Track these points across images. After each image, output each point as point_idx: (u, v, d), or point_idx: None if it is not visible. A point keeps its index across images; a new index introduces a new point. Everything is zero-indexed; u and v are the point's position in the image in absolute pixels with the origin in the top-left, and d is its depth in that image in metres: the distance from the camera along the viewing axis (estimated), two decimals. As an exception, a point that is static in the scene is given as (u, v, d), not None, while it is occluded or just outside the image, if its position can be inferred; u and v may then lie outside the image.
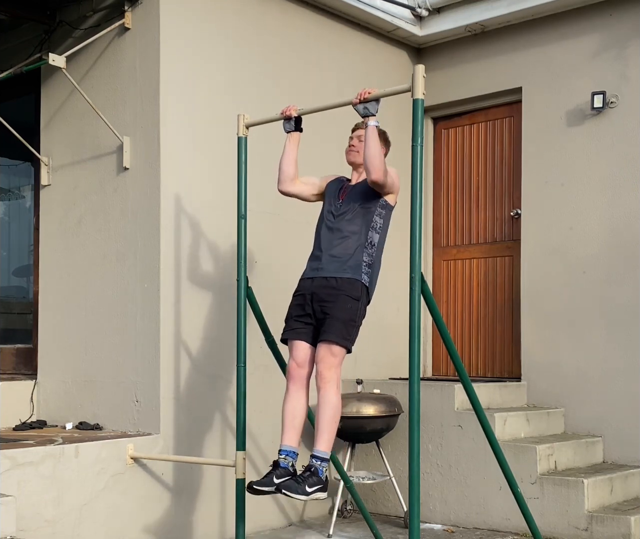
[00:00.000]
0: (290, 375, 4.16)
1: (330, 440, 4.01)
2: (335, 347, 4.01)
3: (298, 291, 4.26)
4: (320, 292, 4.11)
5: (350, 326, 4.07)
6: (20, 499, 4.39)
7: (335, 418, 4.01)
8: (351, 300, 4.07)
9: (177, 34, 5.35)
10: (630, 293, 6.00)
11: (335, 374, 4.02)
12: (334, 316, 4.04)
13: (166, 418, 5.23)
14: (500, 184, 6.84)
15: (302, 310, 4.17)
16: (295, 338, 4.17)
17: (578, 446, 5.93)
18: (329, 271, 4.14)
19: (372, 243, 4.17)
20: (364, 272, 4.13)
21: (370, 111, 4.00)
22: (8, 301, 6.88)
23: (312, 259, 4.28)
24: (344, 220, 4.19)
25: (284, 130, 4.40)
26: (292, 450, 4.06)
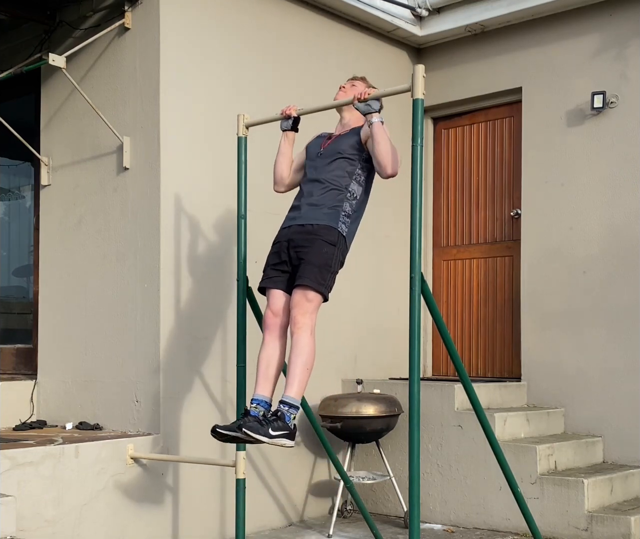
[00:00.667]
0: (266, 323, 4.07)
1: (301, 387, 3.88)
2: (310, 292, 3.91)
3: (275, 240, 4.20)
4: (296, 238, 4.04)
5: (326, 271, 3.95)
6: (20, 499, 4.39)
7: (308, 365, 3.88)
8: (327, 245, 3.98)
9: (177, 34, 5.35)
10: (630, 293, 6.00)
11: (309, 320, 3.91)
12: (309, 260, 3.95)
13: (166, 418, 5.23)
14: (500, 184, 6.84)
15: (279, 257, 4.10)
16: (271, 286, 4.09)
17: (578, 446, 5.93)
18: (307, 218, 4.07)
19: (354, 195, 4.10)
20: (341, 221, 4.05)
21: (372, 107, 3.98)
22: (8, 301, 6.88)
23: (291, 209, 4.23)
24: (325, 169, 4.13)
25: (281, 128, 4.40)
26: (264, 399, 3.94)
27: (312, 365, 3.92)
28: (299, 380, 3.87)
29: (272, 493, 5.85)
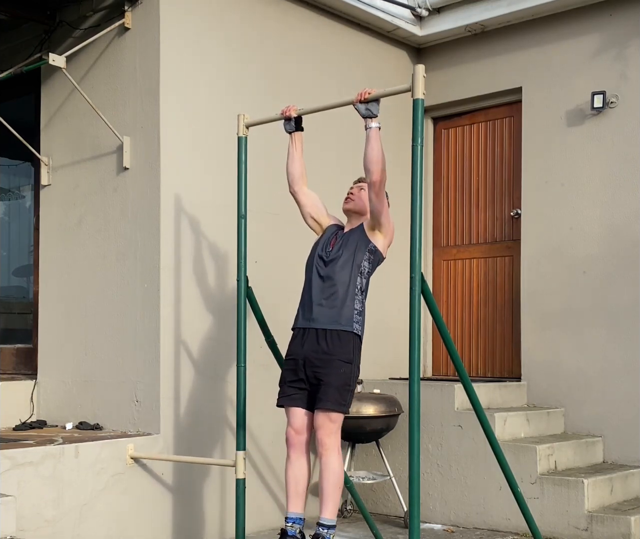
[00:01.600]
0: (290, 442, 4.18)
1: (335, 507, 4.07)
2: (333, 414, 4.03)
3: (289, 354, 4.23)
4: (312, 358, 4.08)
5: (345, 391, 4.05)
6: (20, 499, 4.39)
7: (339, 484, 4.06)
8: (344, 364, 4.05)
9: (177, 34, 5.35)
10: (630, 293, 6.00)
11: (335, 440, 4.05)
12: (328, 383, 4.03)
13: (166, 418, 5.23)
14: (500, 184, 6.84)
15: (295, 375, 4.15)
16: (291, 404, 4.17)
17: (578, 446, 5.93)
18: (321, 323, 4.10)
19: (362, 290, 4.16)
20: (355, 321, 4.11)
21: (372, 112, 3.98)
22: (8, 301, 6.88)
23: (303, 307, 4.23)
24: (335, 267, 4.15)
25: (285, 130, 4.40)
26: (299, 517, 4.13)
27: (342, 481, 4.12)
28: (332, 501, 4.05)
29: (272, 493, 5.85)
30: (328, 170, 5.99)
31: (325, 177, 5.73)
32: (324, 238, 4.33)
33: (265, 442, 5.74)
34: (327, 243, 4.27)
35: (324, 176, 5.66)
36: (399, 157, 6.02)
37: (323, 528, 4.03)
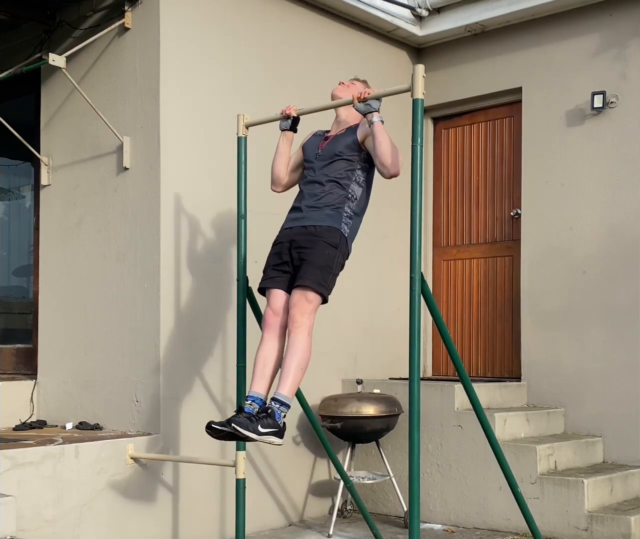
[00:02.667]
0: (266, 322, 4.06)
1: (294, 385, 3.88)
2: (310, 293, 3.92)
3: (276, 240, 4.21)
4: (299, 239, 4.05)
5: (327, 273, 3.96)
6: (20, 499, 4.39)
7: (302, 364, 3.89)
8: (329, 247, 3.99)
9: (177, 34, 5.35)
10: (630, 293, 6.00)
11: (308, 320, 3.91)
12: (311, 261, 3.96)
13: (166, 418, 5.23)
14: (500, 184, 6.84)
15: (280, 258, 4.11)
16: (272, 286, 4.09)
17: (578, 446, 5.93)
18: (309, 220, 4.08)
19: (354, 196, 4.11)
20: (344, 222, 4.05)
21: (372, 106, 3.97)
22: (8, 301, 6.88)
23: (292, 211, 4.23)
24: (325, 170, 4.13)
25: (280, 128, 4.40)
26: (259, 397, 3.93)
27: (307, 365, 3.93)
28: (292, 378, 3.86)
29: (272, 493, 5.85)
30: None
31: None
32: (309, 148, 4.29)
33: (265, 442, 5.73)
34: (316, 147, 4.24)
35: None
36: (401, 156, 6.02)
37: (276, 402, 3.82)
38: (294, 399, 3.94)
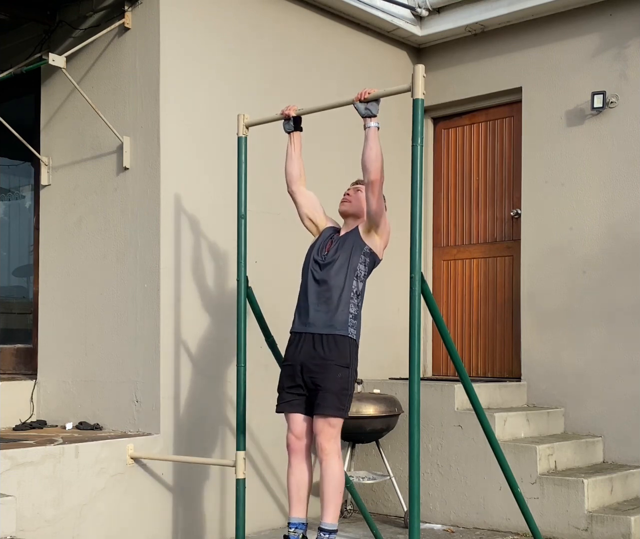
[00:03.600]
0: (291, 448, 4.20)
1: (336, 512, 4.08)
2: (332, 419, 4.04)
3: (286, 361, 4.24)
4: (309, 364, 4.09)
5: (344, 396, 4.07)
6: (20, 499, 4.39)
7: (340, 489, 4.07)
8: (341, 369, 4.06)
9: (177, 34, 5.35)
10: (630, 293, 6.00)
11: (335, 444, 4.06)
12: (326, 388, 4.04)
13: (166, 418, 5.23)
14: (500, 184, 6.84)
15: (293, 381, 4.16)
16: (290, 411, 4.19)
17: (578, 446, 5.93)
18: (317, 327, 4.11)
19: (357, 293, 4.15)
20: (350, 325, 4.10)
21: (371, 112, 3.99)
22: (8, 301, 6.88)
23: (300, 311, 4.24)
24: (331, 271, 4.14)
25: (284, 130, 4.40)
26: (301, 522, 4.15)
27: (343, 485, 4.11)
28: (334, 505, 4.06)
29: (272, 493, 5.85)
30: (328, 170, 5.99)
31: (325, 177, 5.74)
32: (320, 241, 4.32)
33: (265, 442, 5.74)
34: (323, 246, 4.27)
35: (323, 176, 5.67)
36: (399, 157, 6.03)
37: (324, 533, 4.05)
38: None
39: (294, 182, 4.41)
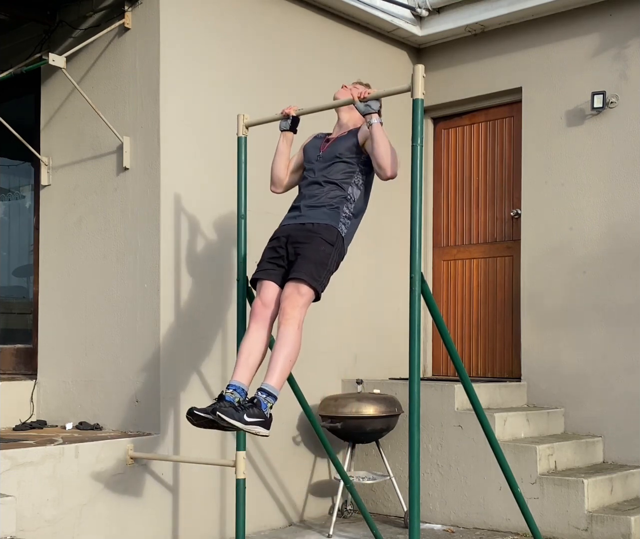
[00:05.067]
0: (254, 312, 4.04)
1: (282, 378, 3.84)
2: (303, 286, 3.91)
3: (273, 235, 4.22)
4: (295, 234, 4.07)
5: (322, 268, 3.95)
6: (20, 499, 4.39)
7: (291, 357, 3.86)
8: (325, 244, 4.00)
9: (177, 34, 5.35)
10: (630, 293, 6.00)
11: (299, 313, 3.89)
12: (306, 256, 3.96)
13: (166, 418, 5.23)
14: (500, 184, 6.84)
15: (276, 252, 4.12)
16: (265, 277, 4.09)
17: (578, 446, 5.93)
18: (307, 218, 4.09)
19: (353, 198, 4.12)
20: (341, 222, 4.08)
21: (372, 108, 3.99)
22: (8, 301, 6.88)
23: (291, 210, 4.25)
24: (324, 172, 4.15)
25: (280, 128, 4.41)
26: (241, 386, 3.90)
27: (296, 358, 3.91)
28: (280, 370, 3.83)
29: (272, 493, 5.85)
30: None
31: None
32: (310, 150, 4.30)
33: (265, 442, 5.73)
34: (317, 149, 4.26)
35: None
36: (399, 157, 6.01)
37: (263, 392, 3.78)
38: (281, 391, 3.90)
39: (279, 184, 4.49)
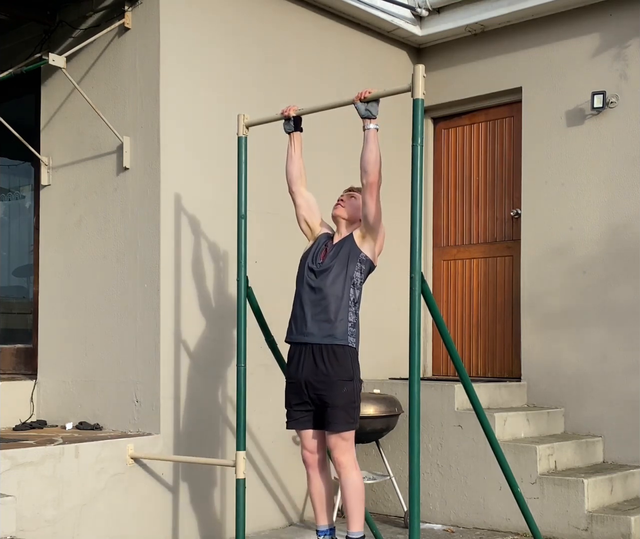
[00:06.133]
0: (307, 462, 4.31)
1: (360, 519, 4.17)
2: (344, 433, 4.11)
3: (290, 378, 4.25)
4: (313, 381, 4.12)
5: (352, 409, 4.13)
6: (20, 499, 4.38)
7: (361, 497, 4.15)
8: (346, 383, 4.09)
9: (177, 34, 5.35)
10: (630, 293, 6.00)
11: (350, 456, 4.15)
12: (334, 405, 4.09)
13: (166, 418, 5.23)
14: (500, 184, 6.84)
15: (299, 398, 4.21)
16: (300, 428, 4.27)
17: (578, 446, 5.93)
18: (316, 337, 4.11)
19: (355, 301, 4.16)
20: (350, 334, 4.12)
21: (372, 113, 4.00)
22: (8, 301, 6.88)
23: (296, 319, 4.23)
24: (327, 279, 4.14)
25: (285, 131, 4.41)
26: (328, 529, 4.33)
27: (363, 494, 4.19)
28: (358, 514, 4.16)
29: (272, 493, 5.85)
30: (327, 170, 5.99)
31: (324, 177, 5.73)
32: (313, 249, 4.32)
33: (265, 442, 5.74)
34: (317, 254, 4.26)
35: (322, 176, 5.66)
36: (399, 157, 6.02)
37: None
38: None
39: (294, 182, 4.42)
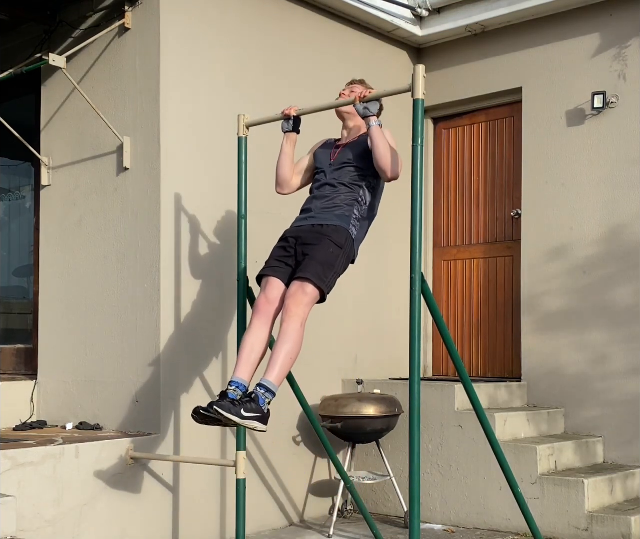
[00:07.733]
0: (257, 308, 4.04)
1: (281, 374, 3.83)
2: (309, 285, 3.91)
3: (283, 235, 4.24)
4: (305, 235, 4.10)
5: (328, 270, 3.96)
6: (20, 499, 4.38)
7: (292, 354, 3.85)
8: (334, 245, 4.02)
9: (177, 34, 5.35)
10: (631, 293, 6.00)
11: (302, 311, 3.88)
12: (314, 256, 3.98)
13: (166, 418, 5.23)
14: (500, 184, 6.84)
15: (285, 251, 4.14)
16: (271, 274, 4.10)
17: (578, 446, 5.93)
18: (317, 219, 4.12)
19: (364, 201, 4.15)
20: (352, 224, 4.10)
21: (370, 111, 4.00)
22: (8, 301, 6.88)
23: (302, 211, 4.27)
24: (336, 174, 4.17)
25: (282, 129, 4.42)
26: (243, 383, 3.89)
27: (297, 355, 3.89)
28: (280, 366, 3.82)
29: (272, 493, 5.85)
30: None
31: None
32: (321, 157, 4.32)
33: (265, 442, 5.74)
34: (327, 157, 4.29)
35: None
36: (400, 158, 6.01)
37: (261, 387, 3.77)
38: (280, 387, 3.89)
39: (285, 184, 4.47)
